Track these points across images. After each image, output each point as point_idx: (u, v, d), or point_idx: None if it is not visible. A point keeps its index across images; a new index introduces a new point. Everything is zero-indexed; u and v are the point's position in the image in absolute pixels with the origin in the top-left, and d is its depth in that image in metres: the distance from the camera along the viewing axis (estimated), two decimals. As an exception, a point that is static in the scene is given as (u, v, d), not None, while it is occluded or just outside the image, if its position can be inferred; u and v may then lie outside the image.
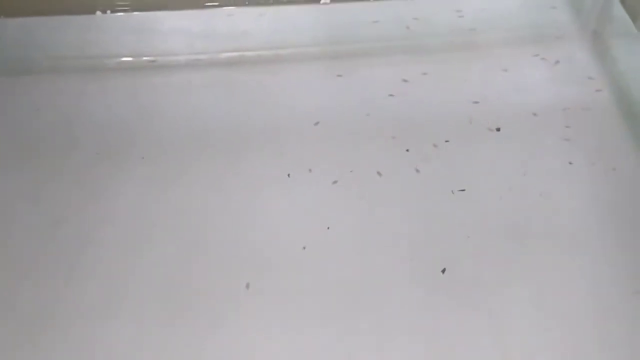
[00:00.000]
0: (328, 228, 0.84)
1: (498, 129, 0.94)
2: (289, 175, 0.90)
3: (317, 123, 0.96)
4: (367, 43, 1.08)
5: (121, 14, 1.10)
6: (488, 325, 0.74)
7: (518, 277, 0.78)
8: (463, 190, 0.87)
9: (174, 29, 1.10)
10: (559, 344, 0.73)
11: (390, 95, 1.00)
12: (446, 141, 0.93)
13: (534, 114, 0.96)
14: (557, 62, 1.03)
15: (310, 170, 0.90)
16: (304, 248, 0.82)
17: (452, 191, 0.87)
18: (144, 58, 1.07)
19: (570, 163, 0.89)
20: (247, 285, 0.79)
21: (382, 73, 1.03)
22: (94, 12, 1.10)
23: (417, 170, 0.89)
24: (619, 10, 1.07)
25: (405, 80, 1.02)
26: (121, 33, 1.09)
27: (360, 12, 1.11)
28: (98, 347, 0.74)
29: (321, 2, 1.11)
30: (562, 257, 0.80)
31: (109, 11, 1.10)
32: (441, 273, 0.79)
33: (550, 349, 0.72)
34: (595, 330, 0.73)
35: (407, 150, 0.92)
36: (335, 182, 0.89)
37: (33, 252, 0.83)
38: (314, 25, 1.10)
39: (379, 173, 0.90)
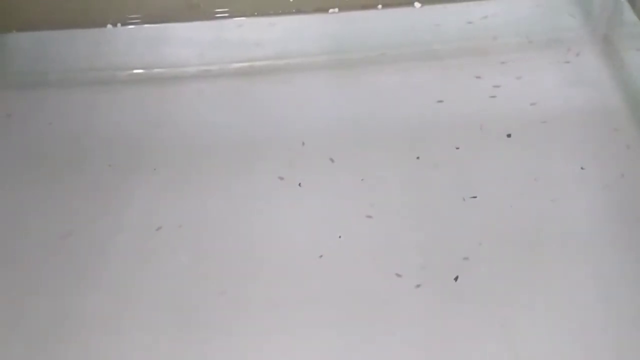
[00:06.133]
0: (340, 237, 0.84)
1: (509, 135, 0.94)
2: (300, 184, 0.90)
3: (327, 132, 0.96)
4: (376, 51, 1.08)
5: (132, 26, 1.11)
6: (500, 333, 0.74)
7: (530, 284, 0.78)
8: (474, 197, 0.87)
9: (184, 41, 1.11)
10: (572, 352, 0.72)
11: (401, 102, 1.00)
12: (457, 148, 0.93)
13: (545, 120, 0.95)
14: (567, 67, 1.03)
15: (321, 179, 0.90)
16: (321, 256, 0.82)
17: (463, 198, 0.87)
18: (155, 70, 1.08)
19: (582, 168, 0.89)
20: (261, 295, 0.79)
21: (392, 80, 1.03)
22: (105, 25, 1.11)
23: (428, 178, 0.89)
24: (629, 15, 1.07)
25: (414, 88, 1.02)
26: (132, 45, 1.10)
27: (369, 20, 1.11)
28: (110, 358, 0.74)
29: (329, 11, 1.11)
30: (574, 264, 0.79)
31: (119, 24, 1.11)
32: (453, 281, 0.78)
33: (563, 358, 0.72)
34: (609, 339, 0.73)
35: (418, 157, 0.92)
36: (346, 190, 0.89)
37: (44, 263, 0.83)
38: (324, 34, 1.11)
39: (389, 180, 0.89)
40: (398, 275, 0.79)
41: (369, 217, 0.86)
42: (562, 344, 0.73)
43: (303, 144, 0.95)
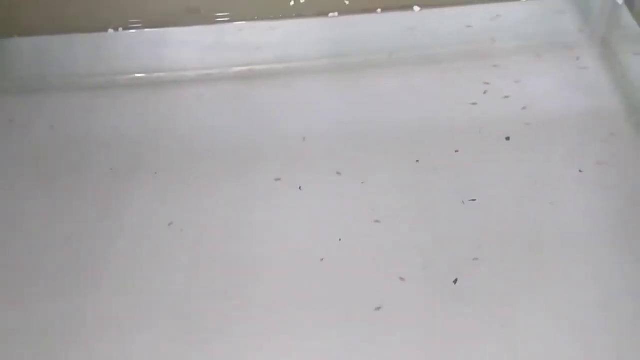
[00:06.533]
0: (340, 240, 0.84)
1: (508, 138, 0.94)
2: (300, 188, 0.90)
3: (327, 135, 0.97)
4: (376, 54, 1.09)
5: (132, 31, 1.12)
6: (500, 335, 0.74)
7: (530, 286, 0.78)
8: (474, 200, 0.87)
9: (184, 45, 1.11)
10: (571, 353, 0.72)
11: (400, 106, 1.00)
12: (456, 151, 0.93)
13: (543, 123, 0.96)
14: (565, 70, 1.03)
15: (320, 182, 0.91)
16: (322, 260, 0.82)
17: (462, 201, 0.87)
18: (156, 74, 1.08)
19: (581, 171, 0.89)
20: (262, 298, 0.79)
21: (392, 84, 1.04)
22: (105, 30, 1.11)
23: (428, 181, 0.90)
24: (627, 18, 1.07)
25: (414, 91, 1.02)
26: (132, 50, 1.11)
27: (368, 24, 1.11)
28: (111, 358, 0.75)
29: (329, 15, 1.12)
30: (573, 266, 0.79)
31: (120, 29, 1.11)
32: (453, 283, 0.79)
33: (563, 358, 0.72)
34: (608, 339, 0.73)
35: (417, 160, 0.92)
36: (346, 193, 0.89)
37: (47, 266, 0.84)
38: (323, 38, 1.11)
39: (389, 184, 0.90)
40: (398, 277, 0.80)
41: (369, 220, 0.86)
42: (562, 344, 0.73)
43: (303, 147, 0.95)
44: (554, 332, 0.74)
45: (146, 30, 1.12)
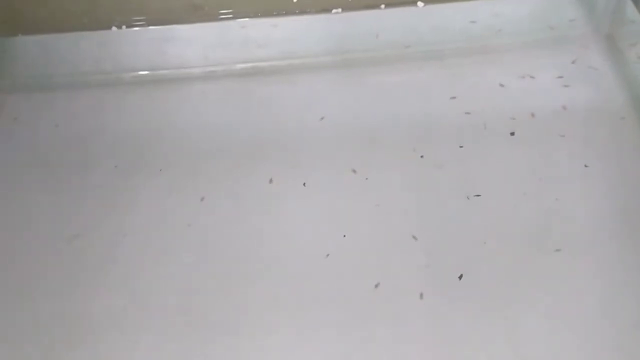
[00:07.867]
0: (344, 236, 0.84)
1: (512, 134, 0.94)
2: (304, 184, 0.90)
3: (331, 132, 0.97)
4: (379, 51, 1.08)
5: (136, 28, 1.12)
6: (504, 332, 0.74)
7: (535, 282, 0.78)
8: (478, 195, 0.87)
9: (188, 42, 1.11)
10: (575, 351, 0.72)
11: (404, 102, 1.00)
12: (460, 147, 0.93)
13: (548, 118, 0.95)
14: (570, 66, 1.03)
15: (325, 178, 0.91)
16: (327, 256, 0.82)
17: (467, 197, 0.87)
18: (160, 71, 1.08)
19: (586, 166, 0.89)
20: (268, 295, 0.79)
21: (396, 80, 1.04)
22: (109, 28, 1.11)
23: (432, 177, 0.90)
24: (632, 13, 1.07)
25: (418, 87, 1.02)
26: (136, 47, 1.11)
27: (372, 20, 1.11)
28: (117, 358, 0.75)
29: (333, 11, 1.12)
30: (578, 263, 0.79)
31: (124, 26, 1.11)
32: (458, 279, 0.79)
33: (567, 357, 0.72)
34: (612, 338, 0.73)
35: (422, 156, 0.92)
36: (350, 189, 0.89)
37: (52, 266, 0.84)
38: (327, 34, 1.11)
39: (394, 180, 0.90)
40: (402, 274, 0.80)
41: (373, 215, 0.86)
42: (566, 342, 0.73)
43: (307, 144, 0.95)
44: (558, 330, 0.74)
45: (150, 27, 1.12)
